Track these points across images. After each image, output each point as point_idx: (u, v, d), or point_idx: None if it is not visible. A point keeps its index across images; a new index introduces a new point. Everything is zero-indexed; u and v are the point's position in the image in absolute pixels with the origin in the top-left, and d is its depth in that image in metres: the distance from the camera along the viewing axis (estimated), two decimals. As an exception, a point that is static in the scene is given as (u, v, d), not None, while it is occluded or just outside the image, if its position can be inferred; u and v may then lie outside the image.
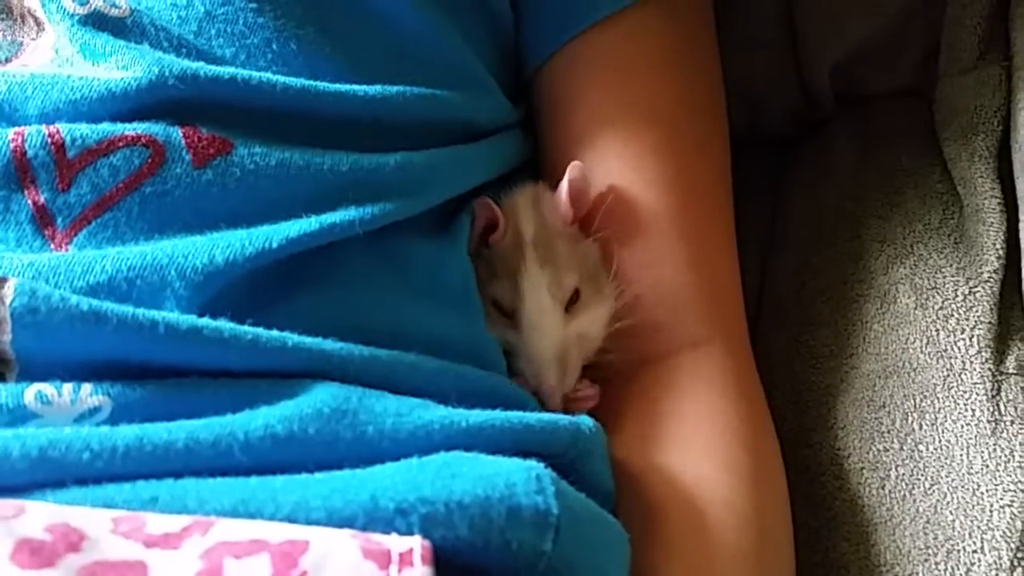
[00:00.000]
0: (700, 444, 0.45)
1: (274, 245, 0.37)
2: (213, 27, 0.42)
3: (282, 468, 0.32)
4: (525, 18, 0.51)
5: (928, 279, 0.52)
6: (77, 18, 0.41)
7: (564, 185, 0.46)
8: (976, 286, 0.51)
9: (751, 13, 0.59)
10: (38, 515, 0.28)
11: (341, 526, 0.29)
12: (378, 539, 0.29)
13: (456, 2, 0.47)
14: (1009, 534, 0.46)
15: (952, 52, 0.57)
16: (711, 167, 0.51)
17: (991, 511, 0.46)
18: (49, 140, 0.38)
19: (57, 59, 0.41)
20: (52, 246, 0.37)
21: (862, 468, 0.49)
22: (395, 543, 0.28)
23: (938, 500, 0.47)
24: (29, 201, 0.38)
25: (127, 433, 0.31)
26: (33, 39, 0.43)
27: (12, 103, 0.39)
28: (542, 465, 0.34)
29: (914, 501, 0.47)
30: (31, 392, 0.32)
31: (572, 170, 0.46)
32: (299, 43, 0.43)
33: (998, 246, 0.52)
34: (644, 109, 0.49)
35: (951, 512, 0.47)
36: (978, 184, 0.54)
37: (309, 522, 0.29)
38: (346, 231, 0.39)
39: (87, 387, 0.32)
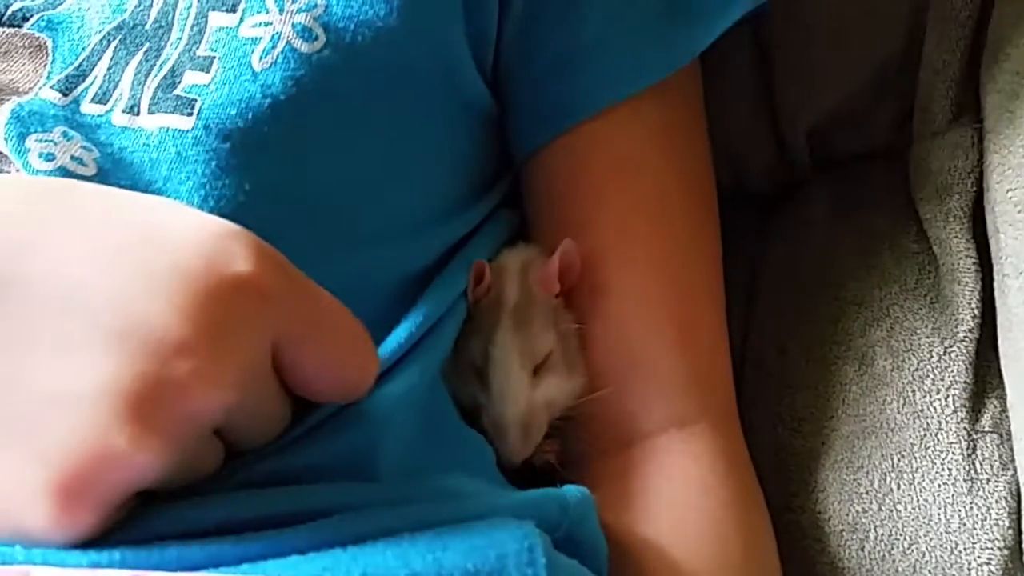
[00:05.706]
0: (692, 520, 0.45)
1: None
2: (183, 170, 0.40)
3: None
4: (515, 110, 0.51)
5: (904, 341, 0.53)
6: (42, 175, 0.39)
7: (556, 258, 0.47)
8: (952, 346, 0.52)
9: (729, 75, 0.60)
10: None
11: None
12: None
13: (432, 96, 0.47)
14: (987, 592, 0.47)
15: (926, 115, 0.57)
16: (702, 249, 0.51)
17: (969, 570, 0.47)
18: None
19: None
20: None
21: (842, 530, 0.49)
22: None
23: (917, 560, 0.48)
24: None
25: None
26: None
27: None
28: (537, 532, 0.34)
29: (893, 562, 0.48)
30: None
31: (565, 244, 0.47)
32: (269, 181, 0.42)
33: (973, 305, 0.52)
34: (638, 195, 0.49)
35: (930, 572, 0.47)
36: (953, 244, 0.54)
37: None
38: None
39: None
